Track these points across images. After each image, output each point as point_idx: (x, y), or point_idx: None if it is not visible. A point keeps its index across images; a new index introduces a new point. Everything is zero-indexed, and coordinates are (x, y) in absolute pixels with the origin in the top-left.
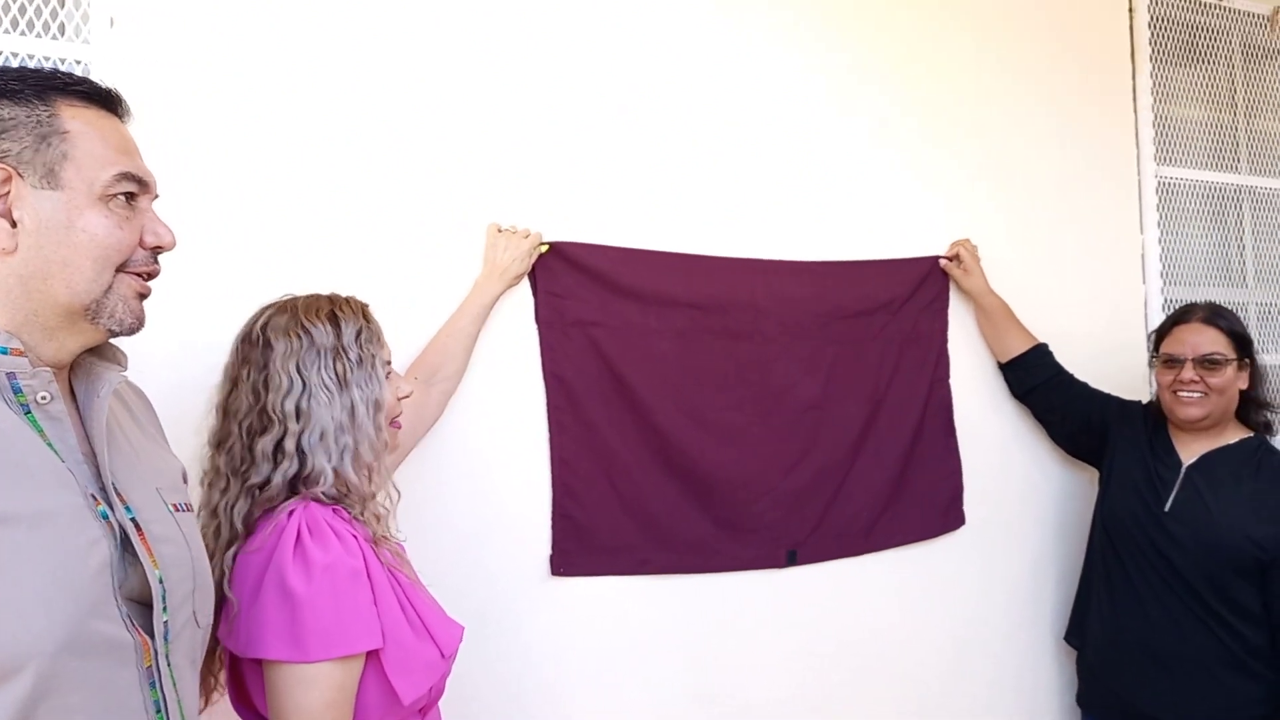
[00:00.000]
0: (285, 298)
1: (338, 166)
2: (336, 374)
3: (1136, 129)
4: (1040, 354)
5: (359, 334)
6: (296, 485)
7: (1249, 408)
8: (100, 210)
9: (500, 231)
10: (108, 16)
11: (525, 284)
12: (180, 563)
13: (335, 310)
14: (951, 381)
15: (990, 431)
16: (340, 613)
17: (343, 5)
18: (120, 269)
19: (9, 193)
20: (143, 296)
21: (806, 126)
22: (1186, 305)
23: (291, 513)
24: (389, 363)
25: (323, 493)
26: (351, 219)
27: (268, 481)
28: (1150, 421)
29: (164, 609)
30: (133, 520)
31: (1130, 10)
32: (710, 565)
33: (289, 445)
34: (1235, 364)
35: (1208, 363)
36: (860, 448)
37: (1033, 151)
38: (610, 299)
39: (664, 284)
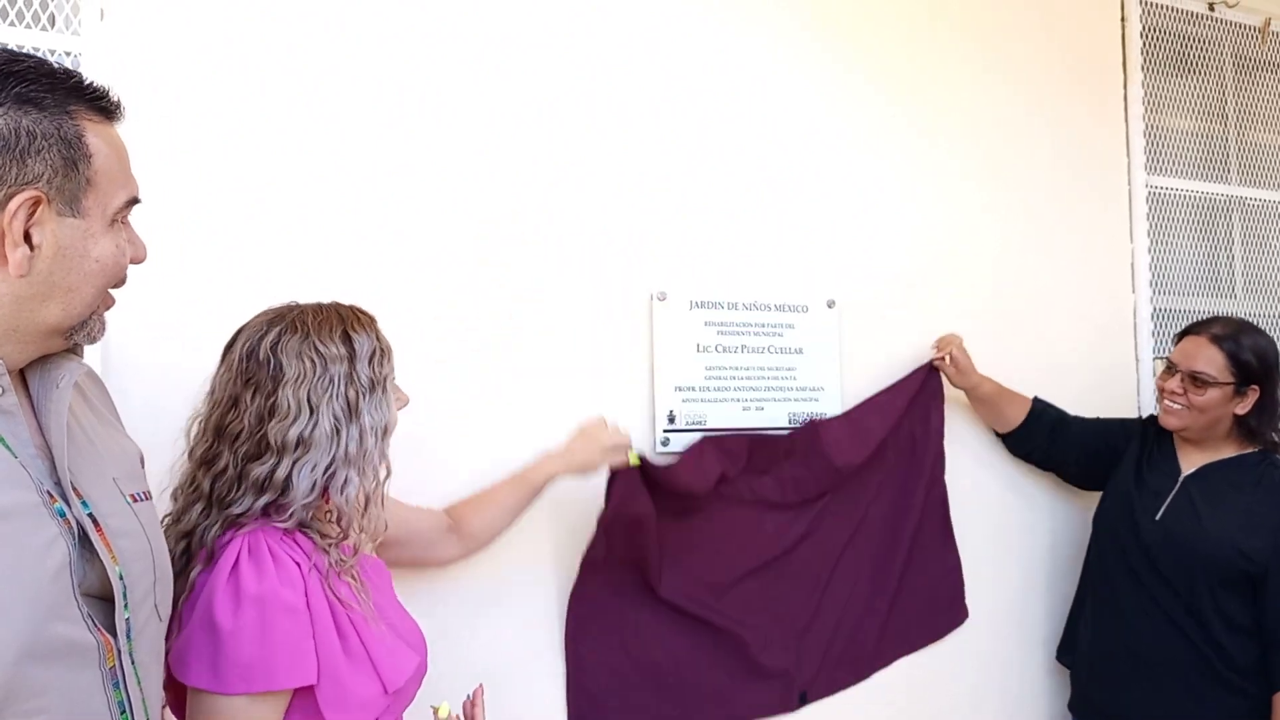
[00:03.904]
0: (289, 307)
1: (332, 164)
2: (349, 401)
3: (1127, 138)
4: (1036, 416)
5: (372, 356)
6: (269, 510)
7: (1247, 429)
8: (110, 236)
9: (595, 423)
10: (98, 8)
11: None
12: (140, 555)
13: (348, 329)
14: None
15: (984, 471)
16: (265, 647)
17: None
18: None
19: (34, 216)
20: (109, 307)
21: (794, 133)
22: (1214, 317)
23: (237, 539)
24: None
25: (292, 515)
26: (345, 217)
27: (247, 511)
28: (1152, 432)
29: (125, 606)
30: (90, 516)
31: (1123, 20)
32: (725, 715)
33: (279, 475)
34: (1228, 389)
35: (1196, 380)
36: (858, 575)
37: (1023, 159)
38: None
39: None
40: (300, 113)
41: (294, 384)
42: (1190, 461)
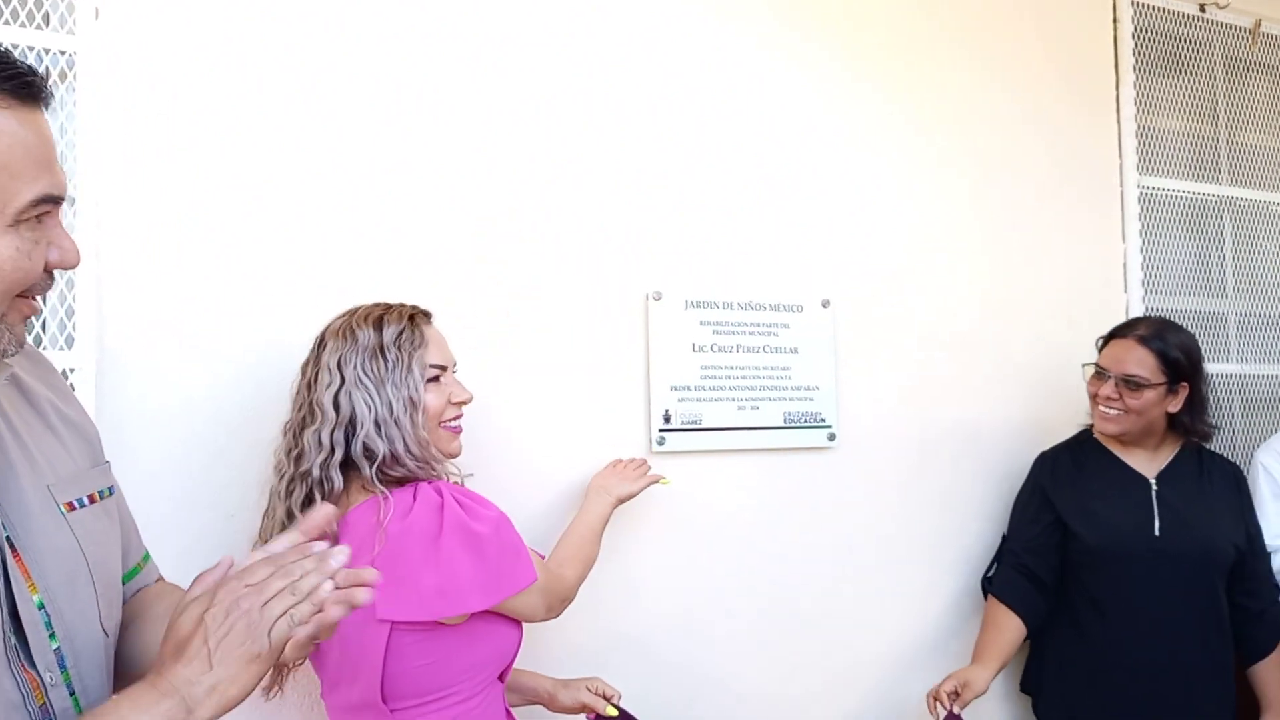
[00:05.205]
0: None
1: (329, 162)
2: (374, 371)
3: (1119, 139)
4: (1028, 608)
5: (399, 335)
6: (361, 464)
7: (1181, 426)
8: (10, 238)
9: (617, 462)
10: (93, 7)
11: None
12: (71, 575)
13: (383, 315)
14: None
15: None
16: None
17: None
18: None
19: None
20: (28, 317)
21: (790, 132)
22: (1135, 318)
23: (440, 489)
24: (444, 367)
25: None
26: (342, 215)
27: (325, 464)
28: (1083, 447)
29: (52, 636)
30: (8, 539)
31: (1114, 21)
32: None
33: (337, 436)
34: (1161, 388)
35: (1129, 383)
36: None
37: (1016, 160)
38: None
39: None
40: (297, 110)
41: (330, 354)
42: (1146, 467)
